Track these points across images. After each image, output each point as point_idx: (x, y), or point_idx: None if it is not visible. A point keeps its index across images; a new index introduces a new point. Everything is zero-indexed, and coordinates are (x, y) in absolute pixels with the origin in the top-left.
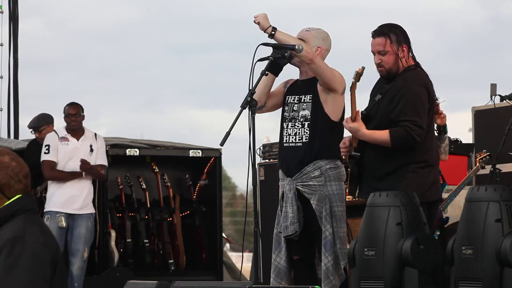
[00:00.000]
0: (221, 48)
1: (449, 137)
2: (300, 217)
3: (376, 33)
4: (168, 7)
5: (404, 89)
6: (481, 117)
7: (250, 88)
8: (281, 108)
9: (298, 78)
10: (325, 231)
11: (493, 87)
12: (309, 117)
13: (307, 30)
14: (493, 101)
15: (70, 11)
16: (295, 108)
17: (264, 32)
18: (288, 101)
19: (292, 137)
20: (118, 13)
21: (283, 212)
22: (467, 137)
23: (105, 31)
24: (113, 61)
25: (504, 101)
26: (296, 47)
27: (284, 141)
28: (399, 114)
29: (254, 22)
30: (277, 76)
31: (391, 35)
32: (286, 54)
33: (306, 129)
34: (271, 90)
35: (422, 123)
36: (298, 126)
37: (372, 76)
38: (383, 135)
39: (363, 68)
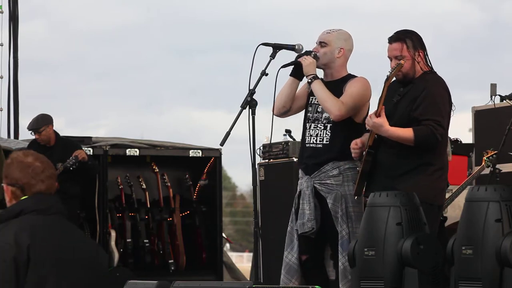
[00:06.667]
0: (221, 49)
1: (449, 137)
2: (317, 215)
3: (393, 39)
4: (168, 8)
5: (428, 90)
6: (481, 117)
7: (250, 88)
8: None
9: (323, 79)
10: (341, 231)
11: (493, 87)
12: (332, 119)
13: (328, 33)
14: (493, 101)
15: (70, 12)
16: (319, 110)
17: (306, 76)
18: (312, 102)
19: (314, 138)
20: (118, 15)
21: (300, 210)
22: (467, 137)
23: (105, 32)
24: (114, 62)
25: (504, 101)
26: (296, 46)
27: (306, 141)
28: (423, 113)
29: (299, 60)
30: (301, 80)
31: (407, 40)
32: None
33: (328, 131)
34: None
35: (444, 124)
36: (320, 128)
37: (378, 78)
38: (406, 132)
39: (405, 62)
